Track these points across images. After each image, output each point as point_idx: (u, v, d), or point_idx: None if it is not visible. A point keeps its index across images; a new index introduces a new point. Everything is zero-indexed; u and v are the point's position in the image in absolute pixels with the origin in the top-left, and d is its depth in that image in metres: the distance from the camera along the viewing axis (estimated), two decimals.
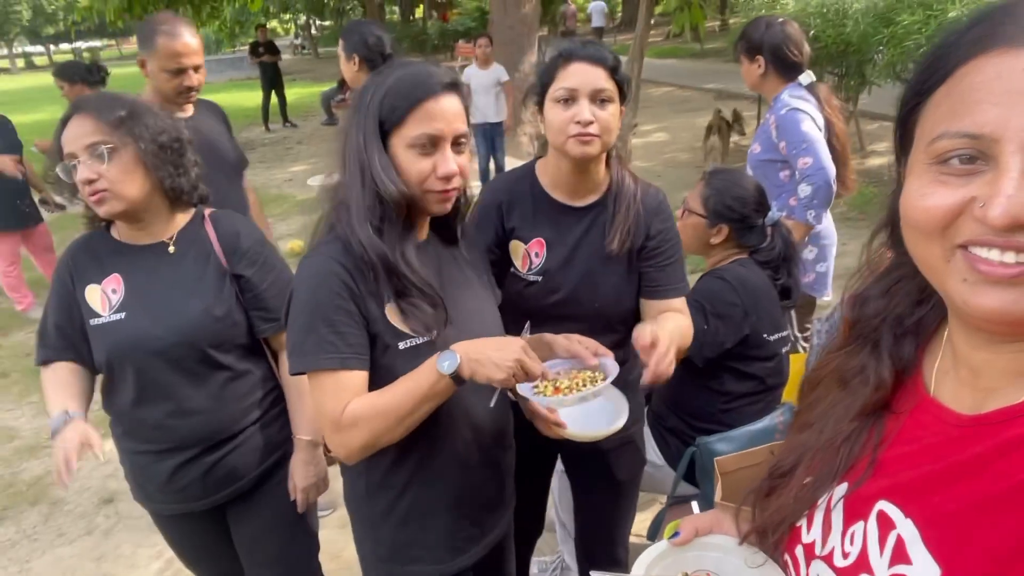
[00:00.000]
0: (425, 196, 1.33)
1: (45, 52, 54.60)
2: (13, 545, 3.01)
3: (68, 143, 1.56)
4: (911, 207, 0.60)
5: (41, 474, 3.49)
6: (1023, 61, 0.54)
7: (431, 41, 22.88)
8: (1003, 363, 0.62)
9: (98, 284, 1.64)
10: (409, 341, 1.34)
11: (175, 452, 1.69)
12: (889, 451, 0.69)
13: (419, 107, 1.29)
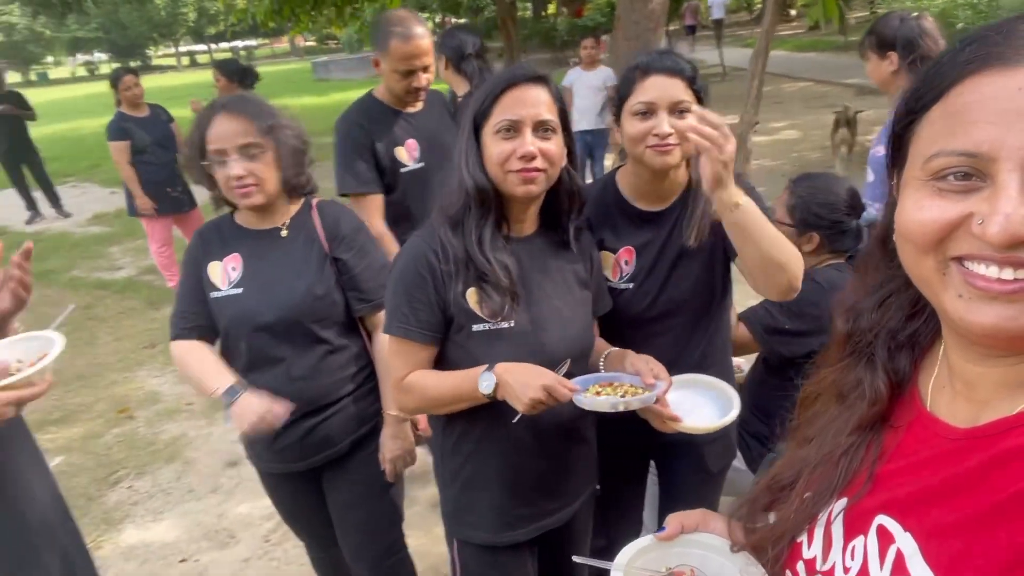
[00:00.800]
0: (507, 177, 1.42)
1: (207, 50, 59.38)
2: (150, 497, 3.36)
3: (219, 141, 1.72)
4: (908, 220, 0.61)
5: (178, 435, 3.87)
6: (1017, 80, 0.54)
7: (560, 37, 22.94)
8: (997, 376, 0.62)
9: (220, 261, 1.83)
10: (483, 325, 1.44)
11: (296, 414, 1.83)
12: (887, 465, 0.69)
13: (502, 96, 1.41)
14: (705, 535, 0.91)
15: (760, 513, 0.80)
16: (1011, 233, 0.53)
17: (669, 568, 0.89)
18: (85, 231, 8.39)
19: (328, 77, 25.78)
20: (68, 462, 3.67)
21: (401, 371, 1.50)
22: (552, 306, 1.52)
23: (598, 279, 1.67)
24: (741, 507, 0.84)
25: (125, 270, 6.78)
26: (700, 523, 0.92)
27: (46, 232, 8.39)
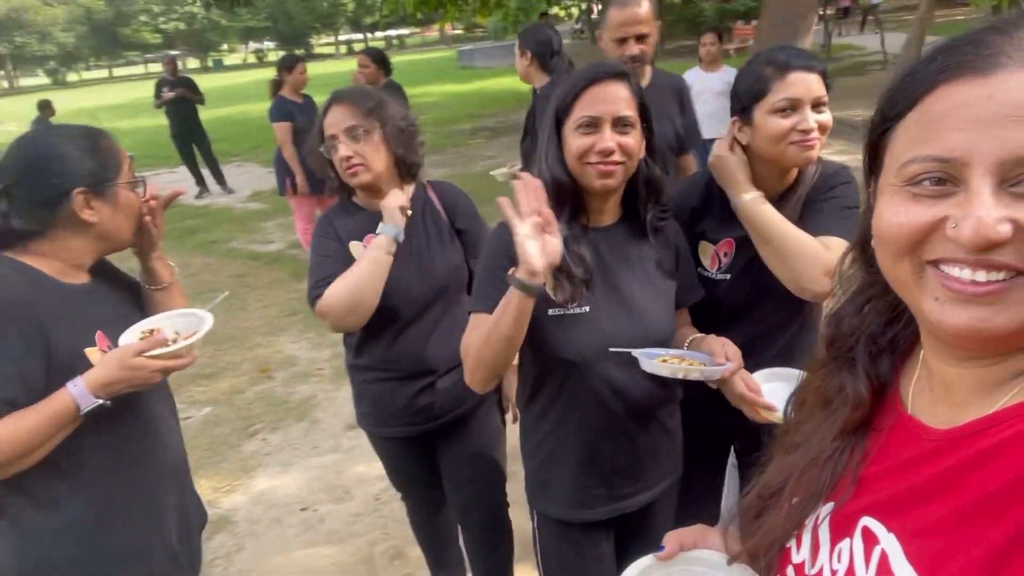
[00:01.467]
0: (584, 170, 1.49)
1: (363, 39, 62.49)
2: (280, 450, 3.71)
3: (330, 127, 1.93)
4: (884, 224, 0.63)
5: (308, 396, 4.22)
6: (987, 89, 0.56)
7: (708, 22, 22.25)
8: (973, 377, 0.63)
9: (359, 240, 1.99)
10: (557, 310, 1.51)
11: (419, 376, 2.04)
12: (871, 468, 0.70)
13: (584, 93, 1.47)
14: (704, 552, 0.91)
15: (752, 521, 0.81)
16: (983, 236, 0.55)
17: None
18: (244, 207, 9.19)
19: (472, 65, 26.41)
20: (214, 413, 4.11)
21: (467, 337, 1.59)
22: (629, 295, 1.57)
23: (686, 269, 1.70)
24: (734, 517, 0.85)
25: (275, 244, 7.39)
26: (698, 539, 0.92)
27: (211, 207, 9.27)
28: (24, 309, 1.38)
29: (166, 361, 1.46)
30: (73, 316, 1.47)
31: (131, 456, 1.55)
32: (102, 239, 1.53)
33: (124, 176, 1.52)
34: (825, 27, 17.36)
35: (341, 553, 2.93)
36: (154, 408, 1.63)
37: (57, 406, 1.37)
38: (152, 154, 12.90)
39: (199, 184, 9.94)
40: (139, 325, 1.55)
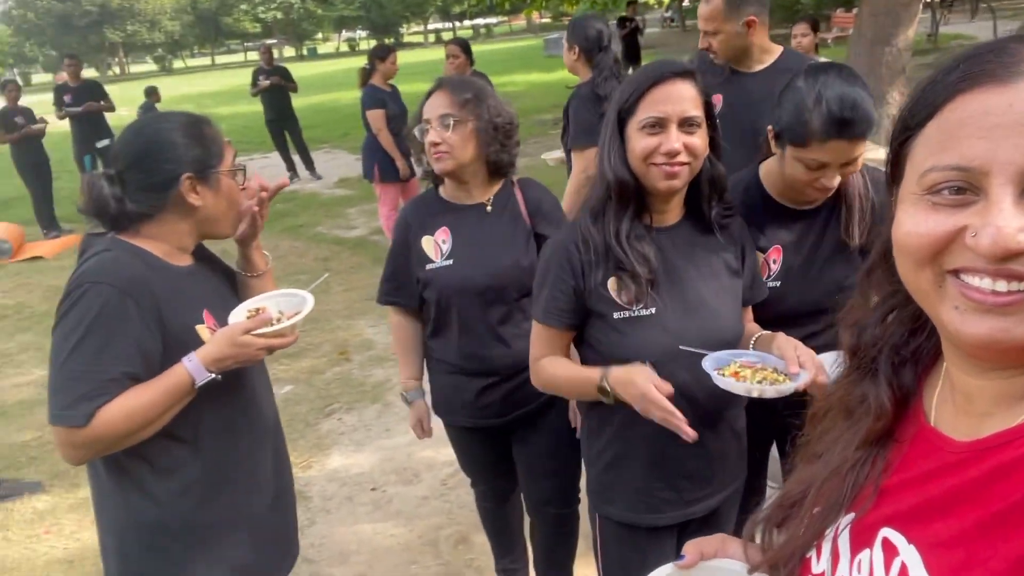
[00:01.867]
0: (649, 171, 1.47)
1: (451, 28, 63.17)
2: (354, 430, 3.84)
3: (427, 112, 1.97)
4: (904, 234, 0.62)
5: (383, 380, 4.34)
6: (1008, 97, 0.56)
7: (805, 10, 21.37)
8: (995, 389, 0.62)
9: (431, 235, 2.03)
10: (623, 312, 1.51)
11: (483, 375, 2.06)
12: (892, 479, 0.70)
13: (649, 93, 1.45)
14: (725, 561, 0.90)
15: (773, 531, 0.81)
16: (1003, 246, 0.54)
17: None
18: (331, 193, 9.49)
19: (557, 53, 26.24)
20: (295, 391, 4.28)
21: (537, 352, 1.64)
22: (696, 294, 1.55)
23: (752, 267, 1.67)
24: (755, 527, 0.84)
25: (358, 230, 7.60)
26: (719, 549, 0.91)
27: (300, 192, 9.60)
28: (142, 288, 1.47)
29: (270, 340, 1.54)
30: (182, 296, 1.57)
31: (238, 427, 1.65)
32: (205, 223, 1.61)
33: (226, 163, 1.60)
34: (932, 15, 16.40)
35: (407, 534, 3.01)
36: (255, 382, 1.73)
37: (174, 380, 1.47)
38: (247, 139, 13.45)
39: (289, 169, 10.30)
40: (246, 304, 1.64)
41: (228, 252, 1.80)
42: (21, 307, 6.22)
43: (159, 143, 1.55)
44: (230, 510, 1.64)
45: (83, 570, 2.97)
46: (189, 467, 1.57)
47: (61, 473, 3.65)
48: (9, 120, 8.23)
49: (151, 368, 1.47)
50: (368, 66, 6.18)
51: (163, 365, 1.48)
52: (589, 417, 1.69)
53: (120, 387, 1.42)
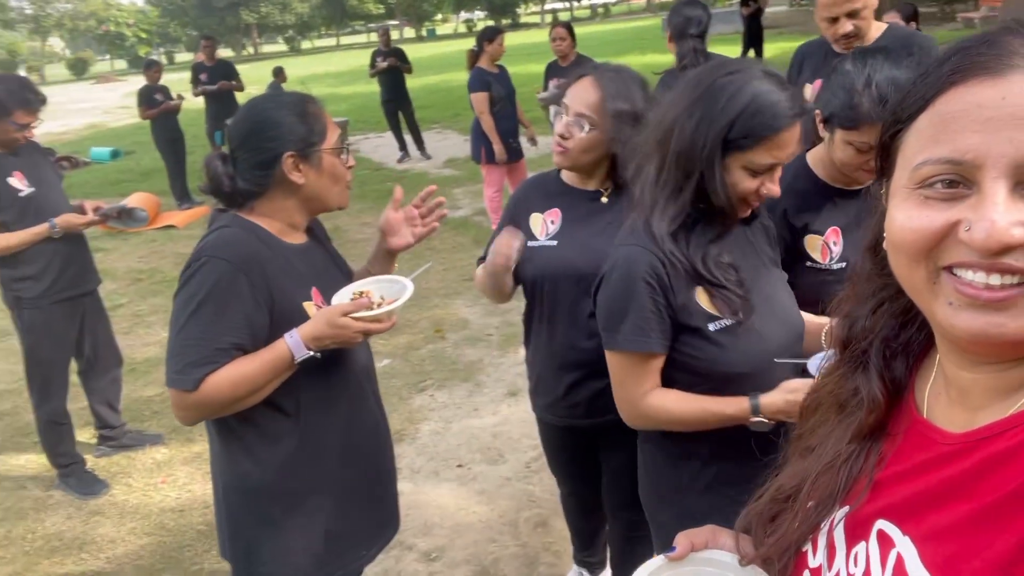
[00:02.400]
0: (740, 205, 1.44)
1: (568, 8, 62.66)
2: (444, 407, 3.93)
3: (569, 98, 1.85)
4: (898, 229, 0.62)
5: (475, 360, 4.42)
6: (1000, 90, 0.55)
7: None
8: (989, 382, 0.63)
9: (540, 213, 1.99)
10: (719, 323, 1.43)
11: (572, 370, 2.00)
12: (886, 471, 0.70)
13: (772, 139, 1.36)
14: (715, 552, 0.89)
15: (767, 524, 0.80)
16: (997, 239, 0.54)
17: None
18: (439, 172, 9.68)
19: None
20: (391, 365, 4.43)
21: (640, 387, 1.48)
22: (764, 293, 1.50)
23: (775, 246, 1.65)
24: (749, 520, 0.84)
25: (462, 210, 7.73)
26: (709, 540, 0.91)
27: (410, 171, 9.86)
28: (254, 264, 1.56)
29: (367, 324, 1.58)
30: (292, 272, 1.65)
31: (338, 403, 1.72)
32: (310, 200, 1.68)
33: (329, 142, 1.66)
34: None
35: (489, 512, 3.07)
36: (361, 362, 1.79)
37: (276, 354, 1.55)
38: (365, 119, 13.93)
39: (401, 149, 10.59)
40: (351, 287, 1.71)
41: (340, 228, 1.89)
42: (154, 272, 6.75)
43: (263, 123, 1.63)
44: (326, 480, 1.72)
45: (191, 519, 3.21)
46: (289, 437, 1.66)
47: (179, 428, 3.95)
48: (149, 97, 8.88)
49: (258, 341, 1.56)
50: (476, 48, 6.24)
51: (270, 339, 1.56)
52: (668, 443, 1.58)
53: (227, 356, 1.52)
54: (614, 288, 1.46)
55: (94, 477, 3.54)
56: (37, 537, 3.20)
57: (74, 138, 17.05)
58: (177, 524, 3.19)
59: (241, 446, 1.66)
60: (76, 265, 3.35)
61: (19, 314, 3.30)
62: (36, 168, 3.27)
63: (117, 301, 6.03)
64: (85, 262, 3.47)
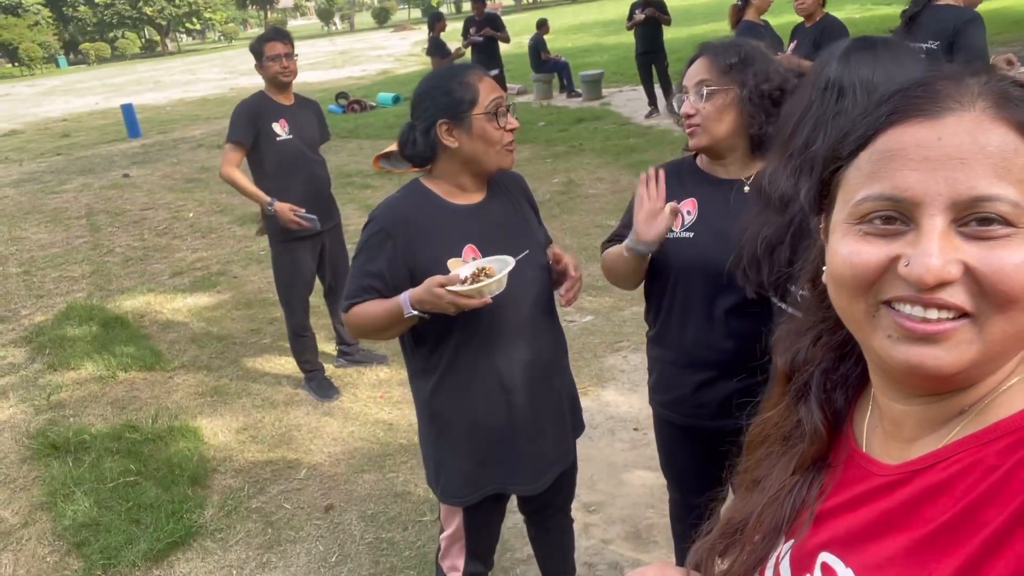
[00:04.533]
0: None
1: None
2: (634, 370, 4.01)
3: (685, 80, 1.87)
4: (839, 264, 0.63)
5: None
6: (936, 131, 0.58)
7: None
8: (921, 414, 0.65)
9: (676, 203, 1.91)
10: None
11: (704, 369, 1.91)
12: (827, 503, 0.71)
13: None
14: None
15: (716, 559, 0.80)
16: (935, 275, 0.56)
17: None
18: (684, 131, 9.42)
19: None
20: (593, 322, 4.59)
21: None
22: None
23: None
24: (699, 555, 0.84)
25: None
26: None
27: (654, 128, 9.73)
28: (402, 226, 1.82)
29: (457, 297, 1.73)
30: (444, 232, 1.87)
31: (485, 352, 1.91)
32: (468, 162, 1.87)
33: (480, 107, 1.80)
34: None
35: (654, 480, 3.13)
36: (525, 315, 1.94)
37: (392, 305, 1.81)
38: (622, 71, 13.92)
39: (651, 104, 10.46)
40: (479, 262, 1.85)
41: (574, 182, 2.06)
42: None
43: (422, 95, 1.87)
44: (469, 413, 1.94)
45: (396, 433, 3.70)
46: (439, 372, 1.92)
47: (399, 353, 4.50)
48: (442, 47, 9.94)
49: (395, 289, 1.82)
50: (740, 2, 5.93)
51: (411, 285, 1.80)
52: None
53: (368, 295, 1.85)
54: None
55: (330, 384, 4.20)
56: (282, 425, 3.91)
57: (368, 83, 19.20)
58: (386, 435, 3.70)
59: (417, 371, 1.98)
60: (318, 206, 3.93)
61: (270, 245, 4.03)
62: (299, 120, 3.89)
63: None
64: (327, 203, 4.08)
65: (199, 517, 3.21)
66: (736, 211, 1.81)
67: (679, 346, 1.96)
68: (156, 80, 29.31)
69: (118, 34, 55.92)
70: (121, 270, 6.76)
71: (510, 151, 1.88)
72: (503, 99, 1.85)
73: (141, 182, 10.35)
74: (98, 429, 3.95)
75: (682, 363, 1.96)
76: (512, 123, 1.85)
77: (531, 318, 1.96)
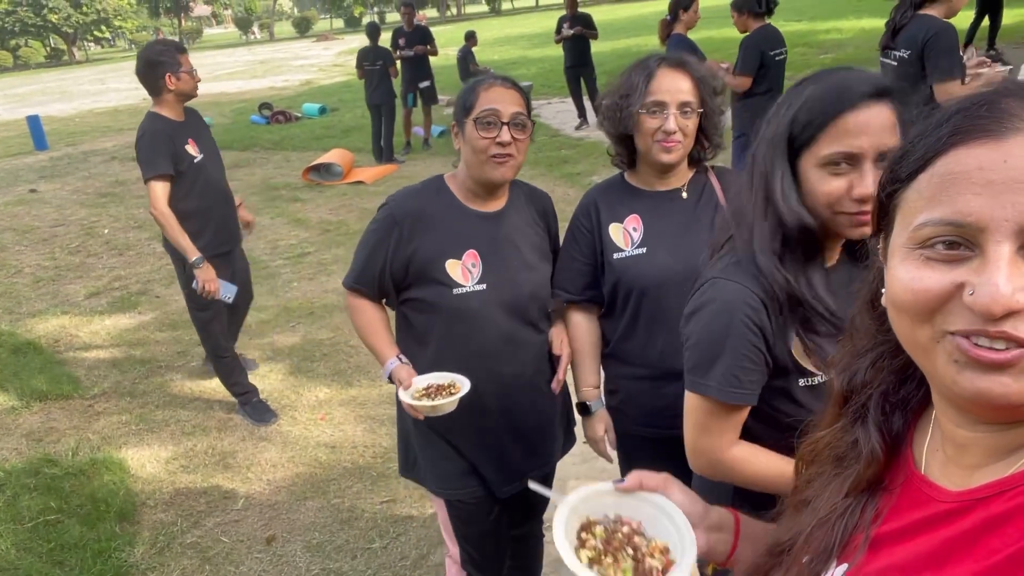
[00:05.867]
0: (836, 219, 1.21)
1: None
2: None
3: (662, 94, 1.77)
4: (901, 290, 0.61)
5: None
6: (1002, 152, 0.55)
7: None
8: (988, 441, 0.62)
9: (620, 223, 1.89)
10: (810, 379, 1.29)
11: (676, 380, 1.83)
12: (883, 528, 0.69)
13: (835, 122, 1.16)
14: (660, 497, 0.91)
15: None
16: (1003, 304, 0.54)
17: (619, 515, 0.91)
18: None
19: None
20: None
21: (719, 443, 1.33)
22: None
23: None
24: (744, 574, 0.83)
25: None
26: (660, 486, 0.93)
27: (585, 139, 9.85)
28: (410, 218, 1.86)
29: (410, 407, 1.83)
30: (455, 231, 1.87)
31: (465, 362, 1.89)
32: (467, 167, 1.88)
33: (472, 113, 1.82)
34: None
35: None
36: (494, 334, 1.90)
37: (379, 353, 1.96)
38: (549, 84, 14.06)
39: (580, 116, 10.59)
40: (439, 377, 1.87)
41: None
42: (340, 224, 7.36)
43: (457, 98, 1.92)
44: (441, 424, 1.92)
45: (340, 455, 3.56)
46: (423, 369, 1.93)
47: (339, 371, 4.36)
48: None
49: (394, 281, 1.91)
50: (669, 17, 6.05)
51: (406, 278, 1.89)
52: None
53: (370, 277, 1.93)
54: (708, 325, 1.30)
55: (266, 407, 4.01)
56: (216, 453, 3.71)
57: (291, 93, 18.77)
58: (328, 459, 3.55)
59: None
60: (233, 224, 3.83)
61: (181, 269, 3.77)
62: (202, 137, 3.73)
63: (306, 249, 6.68)
64: (236, 220, 3.93)
65: (129, 556, 3.00)
66: (681, 218, 1.86)
67: (647, 361, 1.92)
68: (63, 90, 27.88)
69: (20, 42, 53.03)
70: (31, 292, 6.34)
71: (498, 163, 1.82)
72: (499, 111, 1.80)
73: (50, 197, 9.77)
74: (12, 464, 3.66)
75: (654, 376, 1.91)
76: (503, 136, 1.80)
77: (503, 336, 1.92)
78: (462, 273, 1.87)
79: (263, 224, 7.32)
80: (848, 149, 1.16)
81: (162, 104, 3.55)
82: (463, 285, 1.87)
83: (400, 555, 2.90)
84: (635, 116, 1.79)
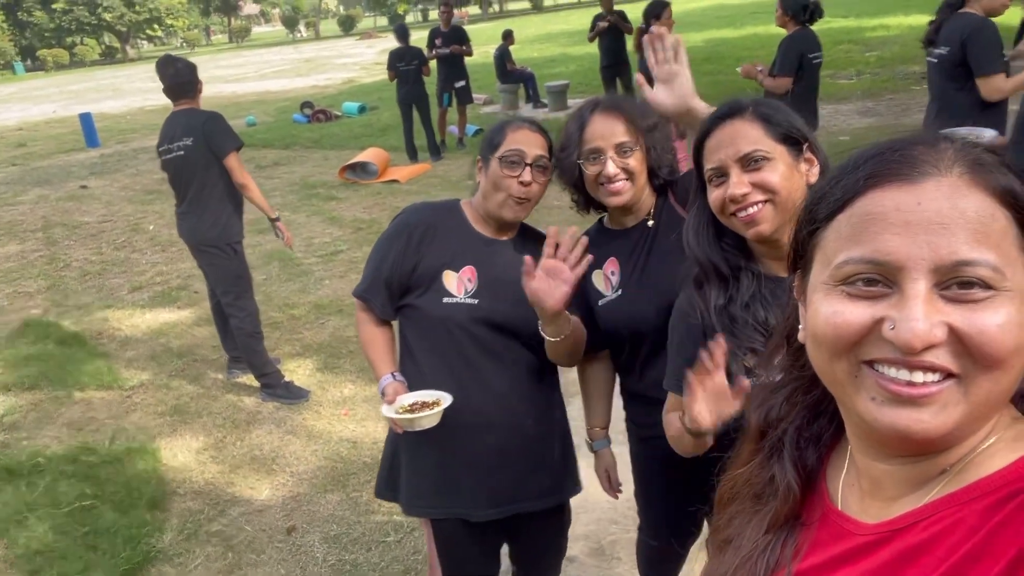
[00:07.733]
0: (731, 221, 1.42)
1: None
2: None
3: (596, 140, 1.78)
4: (823, 324, 0.63)
5: None
6: (915, 195, 0.59)
7: None
8: (902, 474, 0.65)
9: (599, 269, 1.90)
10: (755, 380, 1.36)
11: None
12: (804, 563, 0.70)
13: (704, 145, 1.43)
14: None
15: None
16: (922, 338, 0.56)
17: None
18: None
19: None
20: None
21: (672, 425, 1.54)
22: None
23: None
24: None
25: None
26: None
27: None
28: (421, 228, 1.94)
29: (392, 421, 1.89)
30: (459, 247, 1.94)
31: (443, 383, 1.92)
32: (483, 199, 1.95)
33: (498, 152, 1.89)
34: None
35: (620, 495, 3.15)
36: (491, 346, 1.93)
37: (376, 369, 2.01)
38: (587, 83, 14.02)
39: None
40: (418, 394, 1.91)
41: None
42: (372, 223, 7.49)
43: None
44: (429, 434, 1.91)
45: (360, 451, 3.67)
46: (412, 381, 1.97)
47: (365, 368, 4.47)
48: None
49: (399, 279, 1.96)
50: (643, 25, 6.09)
51: (408, 284, 1.95)
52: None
53: (380, 284, 1.97)
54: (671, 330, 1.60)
55: (297, 386, 4.29)
56: (244, 445, 3.86)
57: (333, 92, 19.09)
58: (349, 453, 3.67)
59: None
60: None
61: (216, 249, 4.17)
62: None
63: (339, 247, 6.83)
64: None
65: (158, 542, 3.15)
66: (648, 249, 1.86)
67: (651, 383, 1.88)
68: (116, 88, 28.77)
69: (76, 40, 54.81)
70: (78, 285, 6.62)
71: (519, 203, 1.89)
72: (523, 152, 1.86)
73: (100, 193, 10.16)
74: (53, 451, 3.86)
75: (661, 398, 1.88)
76: (524, 176, 1.85)
77: (501, 350, 1.95)
78: (456, 285, 1.91)
79: (298, 222, 7.51)
80: (714, 164, 1.41)
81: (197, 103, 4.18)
82: (454, 296, 1.91)
83: (413, 549, 3.00)
84: (576, 166, 1.83)
